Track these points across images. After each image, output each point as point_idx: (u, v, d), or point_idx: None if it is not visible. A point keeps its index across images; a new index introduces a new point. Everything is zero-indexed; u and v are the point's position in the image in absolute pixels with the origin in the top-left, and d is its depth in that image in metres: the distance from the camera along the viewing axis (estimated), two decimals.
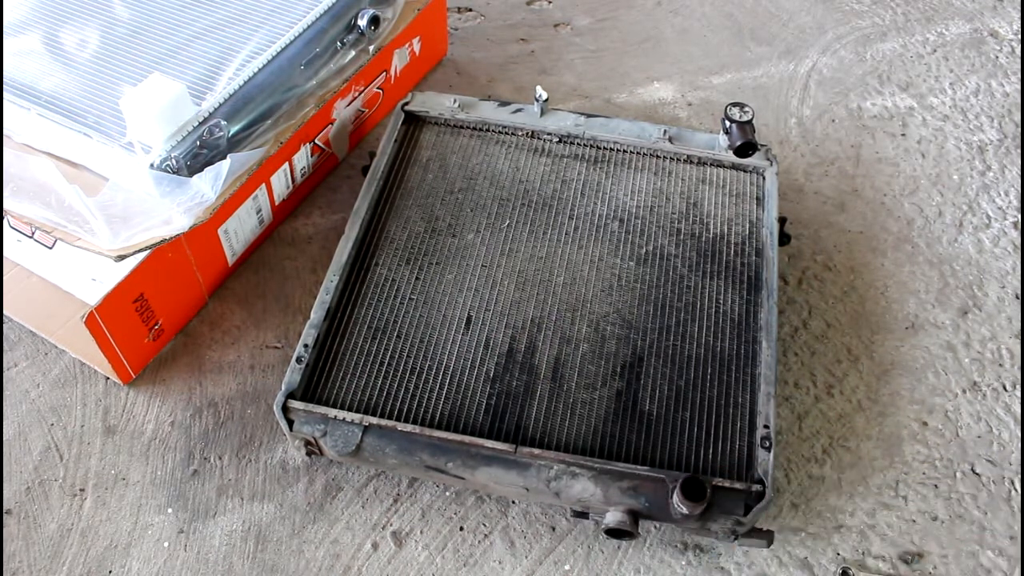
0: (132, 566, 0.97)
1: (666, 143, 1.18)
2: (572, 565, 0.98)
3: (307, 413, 0.93)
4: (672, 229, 1.11)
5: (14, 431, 1.07)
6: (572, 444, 0.93)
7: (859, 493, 1.03)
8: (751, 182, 1.16)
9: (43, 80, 1.10)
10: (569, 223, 1.11)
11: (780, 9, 1.64)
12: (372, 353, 0.99)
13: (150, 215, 1.01)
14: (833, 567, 0.98)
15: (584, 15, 1.63)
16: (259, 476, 1.03)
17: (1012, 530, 1.01)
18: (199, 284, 1.15)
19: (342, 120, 1.28)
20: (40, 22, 1.18)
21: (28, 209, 1.01)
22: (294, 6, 1.20)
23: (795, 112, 1.45)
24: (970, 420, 1.09)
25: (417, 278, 1.06)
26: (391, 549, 0.98)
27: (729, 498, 0.88)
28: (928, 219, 1.30)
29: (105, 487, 1.03)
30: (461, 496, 1.02)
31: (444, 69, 1.51)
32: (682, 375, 0.98)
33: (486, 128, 1.21)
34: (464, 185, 1.15)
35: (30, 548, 0.98)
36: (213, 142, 1.05)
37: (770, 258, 1.07)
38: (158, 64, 1.12)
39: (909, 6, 1.65)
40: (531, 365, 0.98)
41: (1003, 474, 1.05)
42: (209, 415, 1.08)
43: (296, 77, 1.16)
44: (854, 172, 1.36)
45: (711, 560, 0.98)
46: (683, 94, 1.49)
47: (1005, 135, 1.41)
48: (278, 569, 0.97)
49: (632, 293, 1.05)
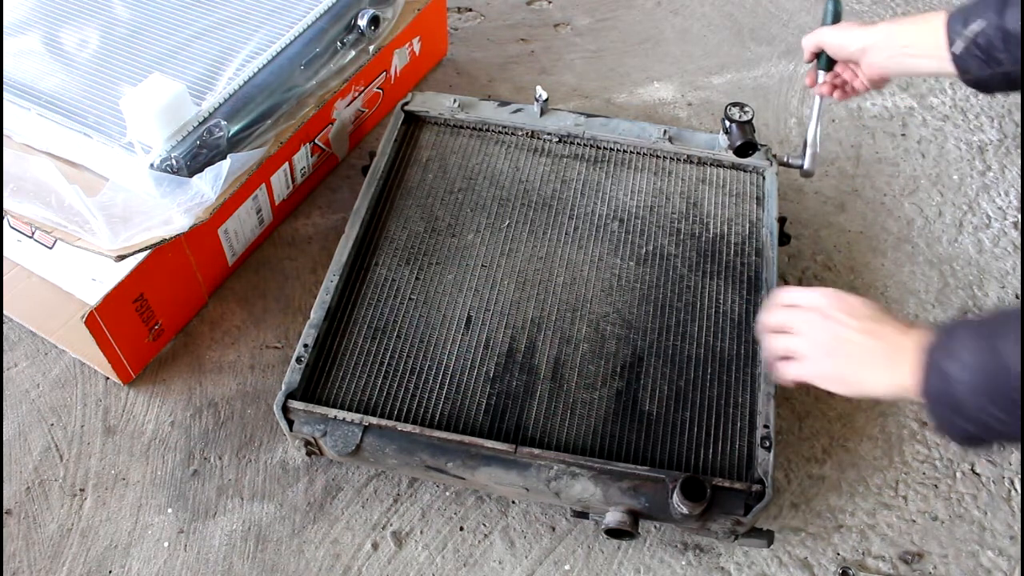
0: (132, 566, 0.97)
1: (666, 143, 1.18)
2: (572, 565, 0.98)
3: (307, 413, 0.93)
4: (672, 229, 1.11)
5: (14, 431, 1.07)
6: (572, 444, 0.93)
7: (859, 493, 1.03)
8: (751, 182, 1.16)
9: (43, 80, 1.10)
10: (569, 223, 1.11)
11: (780, 9, 1.64)
12: (372, 353, 0.99)
13: (150, 215, 1.01)
14: (833, 567, 0.98)
15: (584, 15, 1.63)
16: (259, 476, 1.03)
17: (1012, 530, 1.01)
18: (199, 284, 1.15)
19: (342, 120, 1.28)
20: (40, 22, 1.18)
21: (28, 209, 1.01)
22: (294, 6, 1.20)
23: (795, 112, 1.45)
24: None
25: (417, 278, 1.06)
26: (391, 549, 0.98)
27: (729, 498, 0.88)
28: (928, 219, 1.30)
29: (105, 487, 1.03)
30: (461, 496, 1.02)
31: (444, 69, 1.51)
32: (682, 375, 0.98)
33: (486, 128, 1.21)
34: (464, 185, 1.15)
35: (30, 548, 0.98)
36: (213, 142, 1.05)
37: (770, 258, 1.07)
38: (158, 64, 1.12)
39: (909, 6, 1.65)
40: (531, 365, 0.98)
41: (1003, 474, 1.05)
42: (209, 415, 1.08)
43: (296, 77, 1.16)
44: (854, 172, 1.36)
45: (711, 560, 0.98)
46: (683, 94, 1.49)
47: (1005, 135, 1.41)
48: (278, 569, 0.97)
49: (632, 293, 1.05)
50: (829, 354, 0.75)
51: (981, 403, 0.63)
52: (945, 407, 0.66)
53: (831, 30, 0.97)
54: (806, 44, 1.01)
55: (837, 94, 1.04)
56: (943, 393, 0.66)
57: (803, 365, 0.77)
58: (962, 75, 0.84)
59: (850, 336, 0.74)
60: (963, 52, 0.82)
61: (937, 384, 0.66)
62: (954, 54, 0.83)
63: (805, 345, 0.77)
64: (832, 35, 0.97)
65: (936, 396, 0.66)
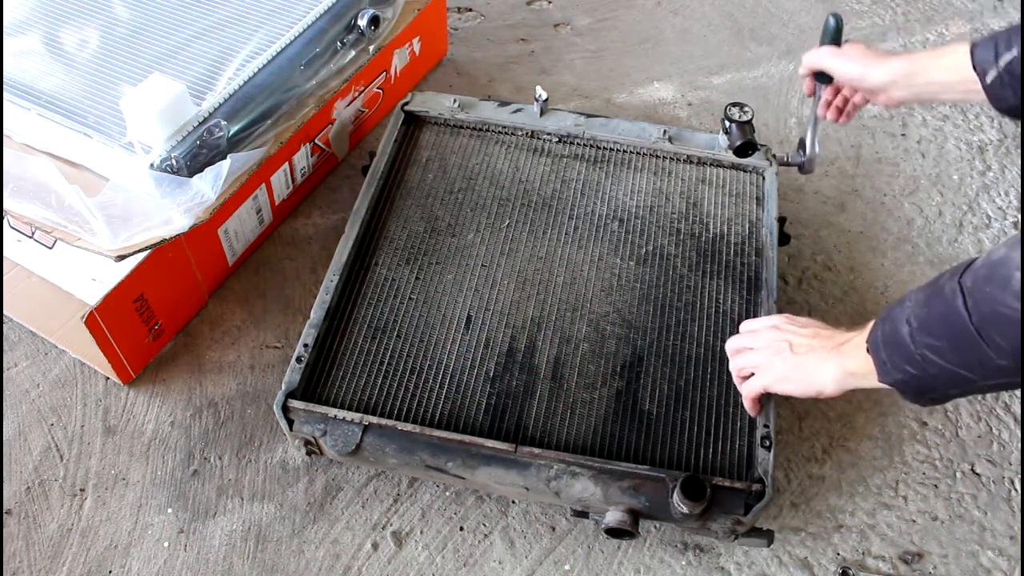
0: (132, 566, 0.97)
1: (666, 143, 1.18)
2: (572, 565, 0.98)
3: (307, 413, 0.93)
4: (672, 229, 1.11)
5: (14, 431, 1.07)
6: (572, 444, 0.93)
7: (859, 493, 1.03)
8: (751, 182, 1.16)
9: (43, 80, 1.10)
10: (569, 223, 1.11)
11: (780, 9, 1.64)
12: (372, 353, 0.99)
13: (150, 215, 1.01)
14: (833, 567, 0.98)
15: (584, 15, 1.63)
16: (259, 476, 1.03)
17: (1012, 530, 1.01)
18: (199, 284, 1.15)
19: (342, 120, 1.28)
20: (40, 22, 1.18)
21: (28, 209, 1.01)
22: (294, 6, 1.20)
23: (795, 112, 1.45)
24: (970, 420, 1.09)
25: (417, 278, 1.06)
26: (391, 549, 0.98)
27: (729, 497, 0.88)
28: (928, 219, 1.30)
29: (105, 487, 1.02)
30: (461, 496, 1.02)
31: (444, 69, 1.52)
32: (682, 374, 0.98)
33: (486, 128, 1.21)
34: (464, 185, 1.15)
35: (30, 548, 0.98)
36: (213, 142, 1.05)
37: (770, 258, 1.07)
38: (158, 64, 1.12)
39: (909, 6, 1.65)
40: (531, 365, 0.98)
41: (1003, 474, 1.05)
42: (209, 415, 1.08)
43: (296, 77, 1.16)
44: (854, 172, 1.36)
45: (711, 560, 0.98)
46: (683, 94, 1.49)
47: (1005, 135, 1.41)
48: (278, 569, 0.97)
49: (632, 293, 1.05)
50: (782, 358, 0.83)
51: (919, 336, 0.68)
52: (891, 349, 0.71)
53: (842, 60, 0.95)
54: (809, 64, 0.99)
55: (842, 119, 1.05)
56: (888, 335, 0.71)
57: (761, 374, 0.85)
58: (996, 104, 0.85)
59: (799, 340, 0.82)
60: (996, 82, 0.83)
61: (884, 329, 0.72)
62: (987, 85, 0.84)
63: (760, 356, 0.86)
64: (845, 67, 0.95)
65: (882, 342, 0.72)
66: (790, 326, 0.85)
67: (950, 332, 0.65)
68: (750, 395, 0.89)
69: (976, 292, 0.63)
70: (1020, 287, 0.60)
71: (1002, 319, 0.61)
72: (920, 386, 0.71)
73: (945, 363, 0.67)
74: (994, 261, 0.63)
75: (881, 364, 0.72)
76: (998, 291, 0.61)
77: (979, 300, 0.63)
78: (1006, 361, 0.63)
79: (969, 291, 0.64)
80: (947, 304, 0.65)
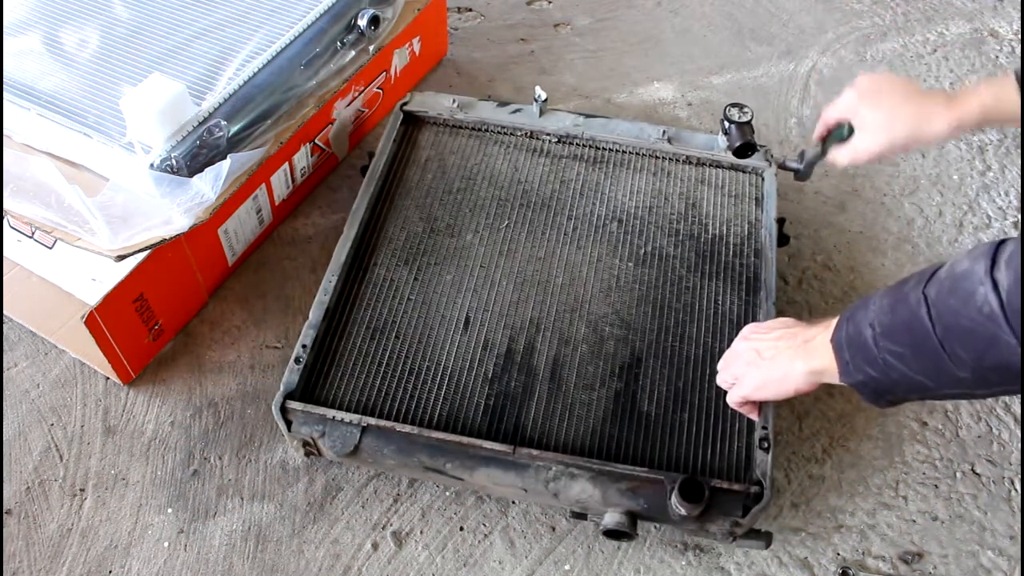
0: (132, 566, 0.97)
1: (665, 144, 1.18)
2: (572, 565, 0.98)
3: (306, 414, 0.93)
4: (671, 230, 1.11)
5: (14, 431, 1.07)
6: (570, 445, 0.93)
7: (859, 493, 1.03)
8: (750, 183, 1.16)
9: (43, 80, 1.10)
10: (568, 223, 1.11)
11: (780, 9, 1.64)
12: (370, 353, 0.99)
13: (150, 215, 1.01)
14: (833, 567, 0.98)
15: (584, 15, 1.63)
16: (259, 476, 1.04)
17: (1012, 530, 1.01)
18: (199, 284, 1.16)
19: (342, 120, 1.28)
20: (40, 22, 1.18)
21: (28, 209, 1.01)
22: (294, 6, 1.20)
23: (795, 112, 1.45)
24: (970, 420, 1.09)
25: (416, 278, 1.06)
26: (391, 549, 0.99)
27: (727, 499, 0.88)
28: (928, 219, 1.30)
29: (105, 487, 1.03)
30: (461, 496, 1.02)
31: (444, 69, 1.51)
32: (681, 376, 0.98)
33: (485, 128, 1.21)
34: (463, 185, 1.15)
35: (30, 548, 0.98)
36: (213, 142, 1.05)
37: (769, 259, 1.07)
38: (158, 64, 1.12)
39: (909, 6, 1.64)
40: (530, 366, 0.98)
41: (1003, 474, 1.05)
42: (209, 415, 1.09)
43: (296, 77, 1.16)
44: (854, 172, 1.36)
45: (711, 560, 0.98)
46: (683, 94, 1.49)
47: (1005, 135, 1.41)
48: (278, 569, 0.97)
49: (631, 294, 1.05)
50: (753, 366, 0.84)
51: (882, 341, 0.69)
52: (854, 350, 0.72)
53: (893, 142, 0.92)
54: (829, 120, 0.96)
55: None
56: (852, 337, 0.72)
57: (740, 385, 0.87)
58: None
59: (765, 345, 0.84)
60: None
61: (848, 330, 0.73)
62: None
63: (736, 368, 0.88)
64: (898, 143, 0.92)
65: (846, 343, 0.73)
66: (755, 333, 0.87)
67: (913, 340, 0.66)
68: (734, 406, 0.91)
69: (939, 304, 0.64)
70: (983, 303, 0.60)
71: (964, 332, 0.62)
72: (879, 388, 0.72)
73: (906, 369, 0.67)
74: (957, 274, 0.63)
75: (844, 364, 0.73)
76: (961, 305, 0.62)
77: (942, 312, 0.64)
78: (965, 373, 0.64)
79: (933, 302, 0.65)
80: (911, 313, 0.66)
